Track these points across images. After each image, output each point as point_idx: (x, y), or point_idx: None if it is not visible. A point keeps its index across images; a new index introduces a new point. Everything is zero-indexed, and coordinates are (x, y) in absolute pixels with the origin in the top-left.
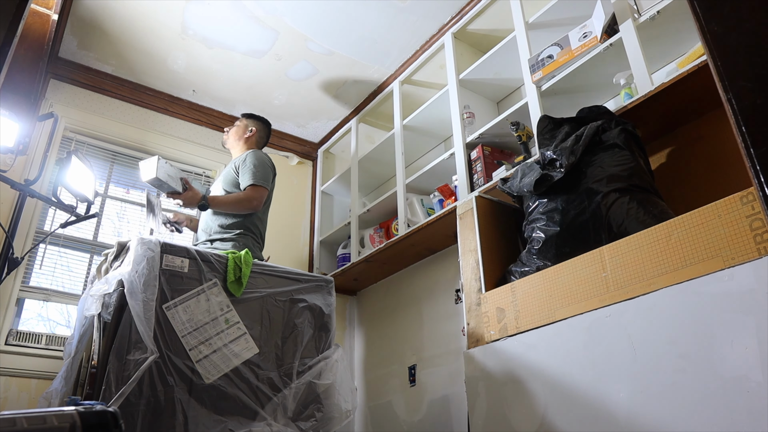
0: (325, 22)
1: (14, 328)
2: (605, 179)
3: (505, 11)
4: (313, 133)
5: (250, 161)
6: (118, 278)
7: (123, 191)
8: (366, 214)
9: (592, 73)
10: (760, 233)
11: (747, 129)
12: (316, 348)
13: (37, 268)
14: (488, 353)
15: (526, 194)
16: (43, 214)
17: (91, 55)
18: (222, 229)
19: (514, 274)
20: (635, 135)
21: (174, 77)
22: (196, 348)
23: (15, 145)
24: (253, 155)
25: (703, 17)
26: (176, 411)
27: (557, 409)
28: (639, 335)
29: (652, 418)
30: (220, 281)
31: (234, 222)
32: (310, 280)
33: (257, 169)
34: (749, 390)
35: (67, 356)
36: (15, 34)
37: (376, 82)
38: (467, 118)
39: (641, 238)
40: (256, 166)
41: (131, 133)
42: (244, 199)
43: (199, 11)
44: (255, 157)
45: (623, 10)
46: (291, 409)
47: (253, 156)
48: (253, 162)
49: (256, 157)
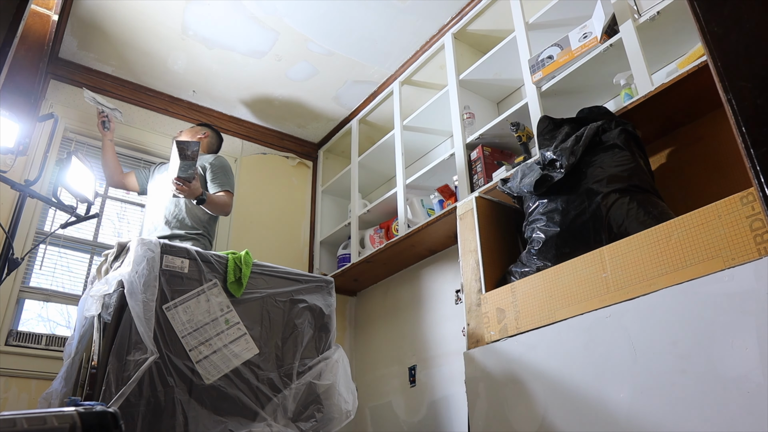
0: (325, 22)
1: (14, 328)
2: (605, 180)
3: (505, 12)
4: (313, 133)
5: (220, 166)
6: (118, 279)
7: (123, 192)
8: (366, 214)
9: (592, 74)
10: (760, 234)
11: (747, 129)
12: (316, 348)
13: (37, 269)
14: (488, 354)
15: (526, 195)
16: (43, 214)
17: (91, 55)
18: (188, 227)
19: (514, 275)
20: (635, 135)
21: (174, 78)
22: (196, 348)
23: (15, 145)
24: (223, 160)
25: (703, 18)
26: (176, 411)
27: (557, 410)
28: (639, 336)
29: (652, 418)
30: (220, 282)
31: (202, 222)
32: (310, 281)
33: (229, 176)
34: (749, 390)
35: (67, 357)
36: (15, 35)
37: (376, 82)
38: (467, 118)
39: (641, 239)
40: (227, 173)
41: (131, 134)
42: (227, 204)
43: (199, 12)
44: (224, 163)
45: (623, 10)
46: (291, 409)
47: (223, 161)
48: (225, 168)
49: (225, 164)
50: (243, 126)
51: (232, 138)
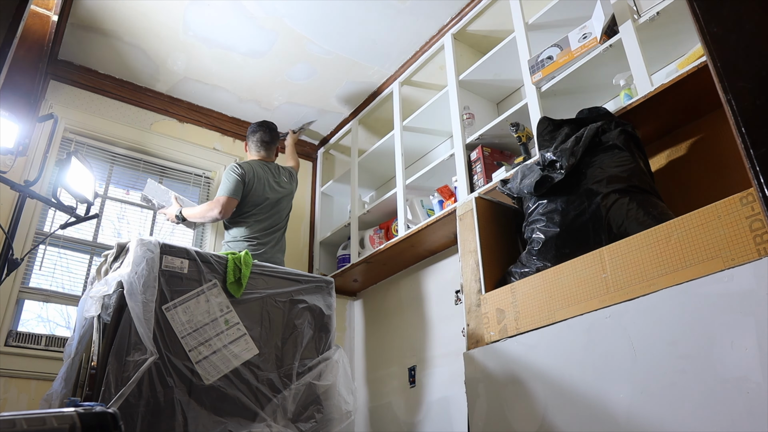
0: (325, 23)
1: (14, 329)
2: (605, 180)
3: (505, 12)
4: (313, 133)
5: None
6: (118, 279)
7: (123, 192)
8: (366, 214)
9: (591, 74)
10: (759, 234)
11: (747, 130)
12: (316, 349)
13: (37, 269)
14: (488, 354)
15: (526, 195)
16: (42, 215)
17: (91, 56)
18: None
19: (513, 275)
20: (635, 136)
21: (174, 78)
22: (196, 349)
23: (15, 146)
24: (229, 167)
25: (703, 18)
26: (176, 412)
27: (557, 410)
28: (639, 336)
29: (652, 418)
30: (219, 282)
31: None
32: (310, 281)
33: (223, 184)
34: (749, 391)
35: (67, 357)
36: (15, 35)
37: (375, 83)
38: (467, 119)
39: (641, 239)
40: (223, 181)
41: (131, 134)
42: (202, 212)
43: (200, 12)
44: (227, 170)
45: (623, 11)
46: (291, 410)
47: (228, 168)
48: (225, 176)
49: (228, 170)
50: (243, 127)
51: (233, 139)
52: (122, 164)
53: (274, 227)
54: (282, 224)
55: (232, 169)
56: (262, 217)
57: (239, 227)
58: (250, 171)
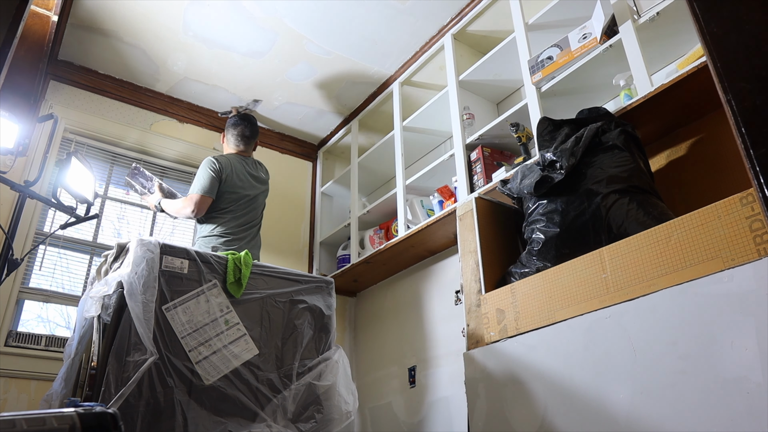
0: (325, 23)
1: (14, 329)
2: (605, 180)
3: (505, 12)
4: (313, 134)
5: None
6: (118, 280)
7: (123, 192)
8: (366, 215)
9: (591, 75)
10: (759, 234)
11: (747, 130)
12: (316, 349)
13: (37, 270)
14: (488, 354)
15: (526, 196)
16: (42, 215)
17: (91, 56)
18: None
19: (513, 276)
20: (635, 136)
21: (174, 78)
22: (196, 349)
23: (15, 146)
24: (205, 162)
25: (703, 18)
26: (176, 412)
27: (557, 411)
28: (639, 336)
29: (652, 418)
30: (219, 282)
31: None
32: (310, 281)
33: (198, 179)
34: (749, 391)
35: (67, 357)
36: (15, 35)
37: (376, 83)
38: (467, 119)
39: (641, 239)
40: (198, 175)
41: (131, 134)
42: (179, 209)
43: (200, 12)
44: (203, 164)
45: (623, 11)
46: (291, 410)
47: (204, 163)
48: (200, 170)
49: (203, 164)
50: None
51: None
52: (122, 164)
53: (249, 223)
54: (257, 220)
55: (208, 165)
56: (239, 213)
57: (214, 223)
58: (228, 166)
